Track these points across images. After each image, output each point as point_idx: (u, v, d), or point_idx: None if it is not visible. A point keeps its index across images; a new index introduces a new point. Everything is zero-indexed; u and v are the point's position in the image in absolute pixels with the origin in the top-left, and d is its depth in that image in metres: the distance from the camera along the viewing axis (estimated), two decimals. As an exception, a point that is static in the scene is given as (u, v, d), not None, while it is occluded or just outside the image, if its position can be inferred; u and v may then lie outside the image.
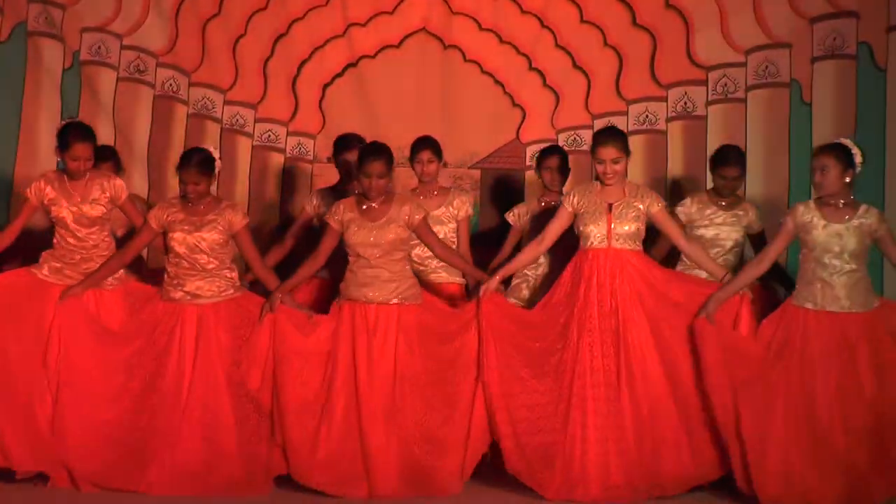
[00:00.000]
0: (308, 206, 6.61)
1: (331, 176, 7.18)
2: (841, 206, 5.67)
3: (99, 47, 7.50)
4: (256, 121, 7.65)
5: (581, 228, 5.91)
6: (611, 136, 5.96)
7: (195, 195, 5.82)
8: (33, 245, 6.27)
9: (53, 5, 7.40)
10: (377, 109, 7.56)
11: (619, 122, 7.37)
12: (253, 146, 7.63)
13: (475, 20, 7.55)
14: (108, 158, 6.57)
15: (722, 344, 5.68)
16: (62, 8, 7.41)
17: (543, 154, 6.79)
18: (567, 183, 6.84)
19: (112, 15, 7.49)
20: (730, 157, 6.49)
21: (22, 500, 5.60)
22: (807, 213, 5.70)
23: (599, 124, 7.35)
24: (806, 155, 6.89)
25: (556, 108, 7.57)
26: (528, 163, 7.53)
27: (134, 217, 6.13)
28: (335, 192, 6.55)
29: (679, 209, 6.48)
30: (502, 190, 7.55)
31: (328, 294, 6.27)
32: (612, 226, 5.84)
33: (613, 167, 5.86)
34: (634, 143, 7.14)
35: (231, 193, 7.46)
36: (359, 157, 5.91)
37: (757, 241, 6.48)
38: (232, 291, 5.90)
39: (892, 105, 7.03)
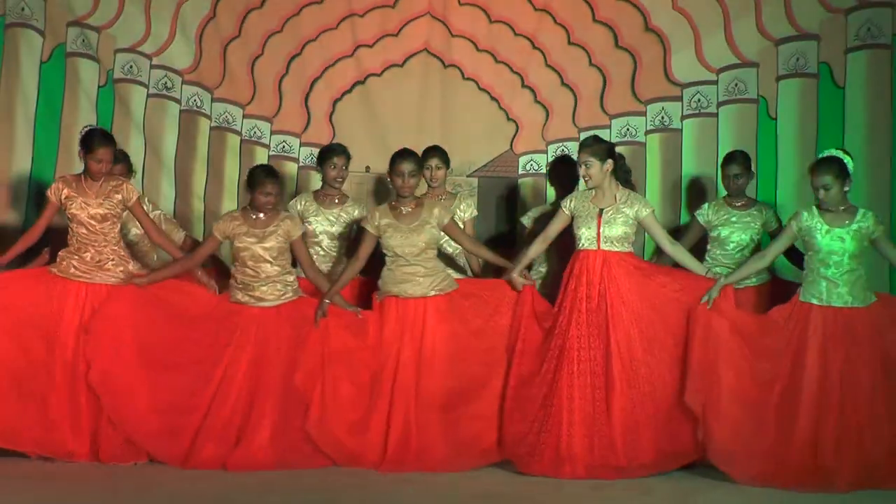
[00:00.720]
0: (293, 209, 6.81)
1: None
2: (841, 211, 5.92)
3: (131, 66, 7.67)
4: (272, 133, 7.79)
5: (575, 231, 6.18)
6: (583, 144, 6.28)
7: (270, 205, 6.15)
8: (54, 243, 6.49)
9: (90, 29, 7.56)
10: (383, 123, 7.72)
11: (603, 135, 7.28)
12: (269, 156, 7.73)
13: (472, 42, 7.71)
14: (119, 161, 6.67)
15: (730, 322, 5.88)
16: (97, 31, 7.58)
17: (554, 164, 7.09)
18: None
19: (142, 37, 7.66)
20: (732, 158, 6.68)
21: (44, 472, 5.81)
22: (810, 219, 5.93)
23: (585, 137, 7.57)
24: (771, 165, 7.30)
25: (546, 121, 7.71)
26: (520, 172, 7.71)
27: (141, 218, 6.38)
28: (316, 196, 6.87)
29: (698, 213, 6.67)
30: (498, 196, 7.71)
31: (364, 290, 6.56)
32: (602, 229, 6.10)
33: (587, 171, 6.16)
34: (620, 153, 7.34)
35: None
36: (391, 161, 6.25)
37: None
38: (291, 295, 6.20)
39: (849, 120, 7.24)
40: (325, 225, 6.81)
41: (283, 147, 7.83)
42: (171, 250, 6.54)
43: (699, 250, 6.64)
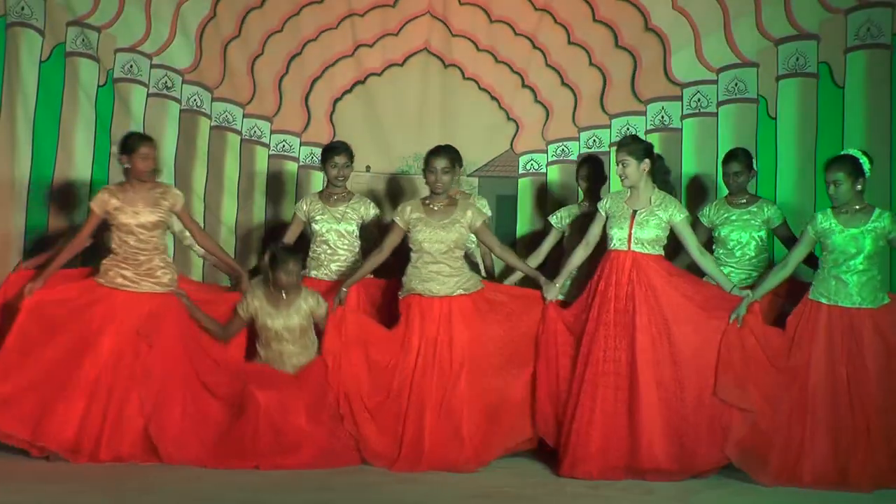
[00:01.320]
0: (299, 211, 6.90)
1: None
2: (856, 211, 5.91)
3: (131, 66, 7.68)
4: (272, 132, 7.82)
5: (607, 231, 6.17)
6: (621, 143, 6.25)
7: (292, 285, 6.27)
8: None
9: (90, 28, 7.57)
10: (383, 122, 7.78)
11: (603, 135, 7.67)
12: (269, 155, 7.80)
13: (473, 41, 7.76)
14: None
15: (755, 336, 5.89)
16: (97, 31, 7.58)
17: (580, 164, 7.05)
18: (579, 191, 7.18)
19: (142, 37, 7.67)
20: (733, 155, 6.69)
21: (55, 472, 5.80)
22: (825, 221, 5.94)
23: (585, 137, 7.68)
24: (771, 164, 7.33)
25: (546, 121, 7.75)
26: (520, 171, 7.75)
27: (188, 223, 6.45)
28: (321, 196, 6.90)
29: (701, 214, 6.71)
30: (498, 196, 7.72)
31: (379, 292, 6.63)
32: (634, 230, 6.08)
33: (624, 170, 6.13)
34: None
35: (250, 198, 7.79)
36: (426, 158, 6.30)
37: (783, 234, 6.65)
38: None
39: (849, 119, 7.26)
40: (332, 223, 6.84)
41: (283, 146, 7.88)
42: (219, 255, 6.63)
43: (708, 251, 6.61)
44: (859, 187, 5.92)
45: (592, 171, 7.04)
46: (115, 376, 6.08)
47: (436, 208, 6.26)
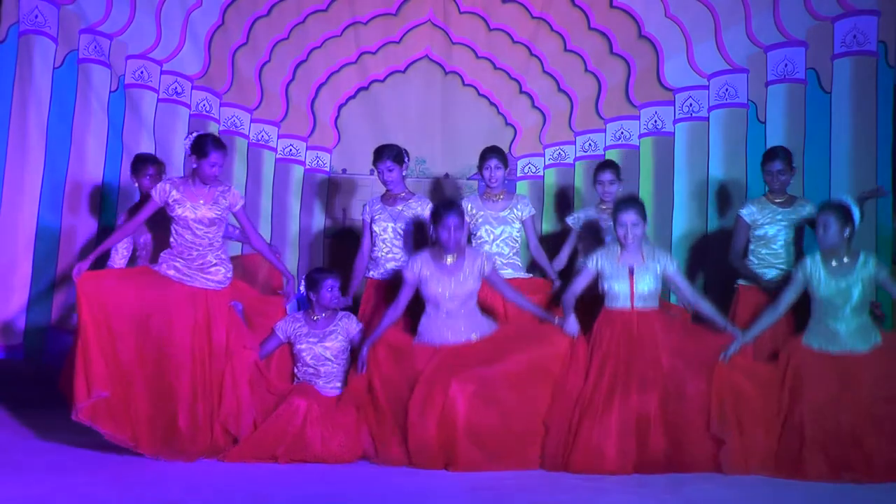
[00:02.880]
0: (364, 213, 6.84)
1: (346, 185, 7.61)
2: (844, 260, 5.93)
3: (141, 72, 7.75)
4: (279, 137, 7.91)
5: (606, 289, 6.08)
6: (632, 203, 6.13)
7: (333, 305, 6.31)
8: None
9: (102, 36, 7.65)
10: (385, 127, 7.81)
11: (598, 139, 7.75)
12: (276, 159, 7.89)
13: (472, 49, 7.87)
14: (153, 162, 6.81)
15: (746, 376, 5.89)
16: (109, 38, 7.67)
17: (597, 170, 6.90)
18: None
19: (153, 44, 7.76)
20: (775, 154, 6.57)
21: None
22: (814, 268, 5.95)
23: (581, 141, 7.77)
24: (759, 167, 7.24)
25: (543, 126, 7.85)
26: (518, 174, 7.84)
27: (245, 224, 6.39)
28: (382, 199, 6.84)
29: (743, 212, 6.58)
30: None
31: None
32: (635, 288, 6.03)
33: (634, 231, 6.05)
34: (611, 156, 7.55)
35: (256, 199, 7.85)
36: (434, 213, 6.15)
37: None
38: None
39: (836, 124, 7.36)
40: (388, 221, 6.78)
41: (290, 150, 7.96)
42: (270, 258, 6.61)
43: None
44: (847, 234, 5.93)
45: (617, 174, 6.91)
46: (197, 374, 6.10)
47: (446, 262, 6.16)
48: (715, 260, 7.44)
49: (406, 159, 6.82)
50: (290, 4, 7.89)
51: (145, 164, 6.80)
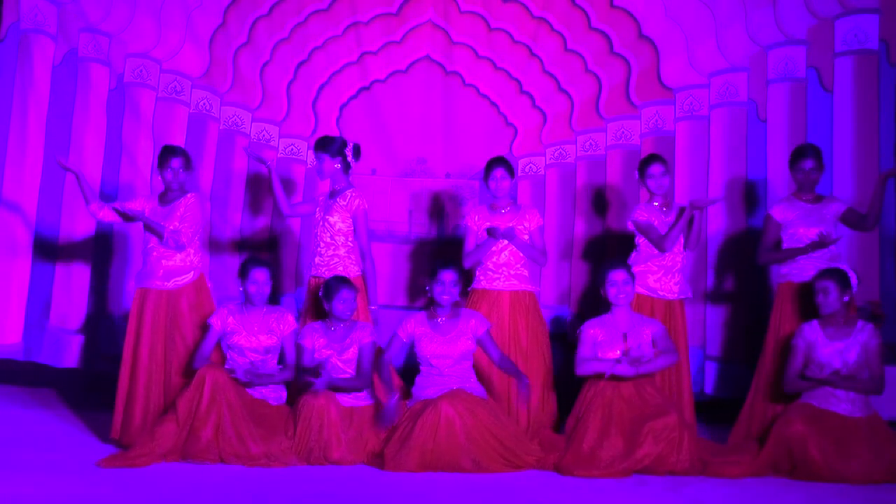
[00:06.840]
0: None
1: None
2: (841, 325, 6.04)
3: (141, 71, 7.73)
4: (280, 136, 7.89)
5: (600, 356, 6.11)
6: (621, 262, 6.30)
7: (347, 312, 6.23)
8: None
9: (101, 34, 7.64)
10: (386, 127, 7.86)
11: (599, 139, 7.73)
12: (278, 158, 7.81)
13: (473, 49, 7.86)
14: (178, 154, 6.61)
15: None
16: (109, 37, 7.66)
17: (645, 163, 6.72)
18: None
19: (153, 43, 7.75)
20: (805, 153, 6.51)
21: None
22: (812, 334, 6.08)
23: (582, 140, 7.76)
24: (761, 166, 7.42)
25: (543, 126, 7.83)
26: (519, 174, 7.79)
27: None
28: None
29: (773, 212, 6.55)
30: None
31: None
32: (627, 351, 6.08)
33: (625, 288, 6.18)
34: (613, 157, 7.62)
35: (258, 198, 7.84)
36: (432, 269, 6.15)
37: (851, 219, 6.49)
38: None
39: (838, 123, 7.36)
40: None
41: (292, 150, 7.95)
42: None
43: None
44: (846, 299, 6.03)
45: (663, 169, 6.74)
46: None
47: (440, 321, 6.16)
48: (715, 259, 7.46)
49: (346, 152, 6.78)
50: (291, 4, 7.89)
51: (167, 156, 6.61)
